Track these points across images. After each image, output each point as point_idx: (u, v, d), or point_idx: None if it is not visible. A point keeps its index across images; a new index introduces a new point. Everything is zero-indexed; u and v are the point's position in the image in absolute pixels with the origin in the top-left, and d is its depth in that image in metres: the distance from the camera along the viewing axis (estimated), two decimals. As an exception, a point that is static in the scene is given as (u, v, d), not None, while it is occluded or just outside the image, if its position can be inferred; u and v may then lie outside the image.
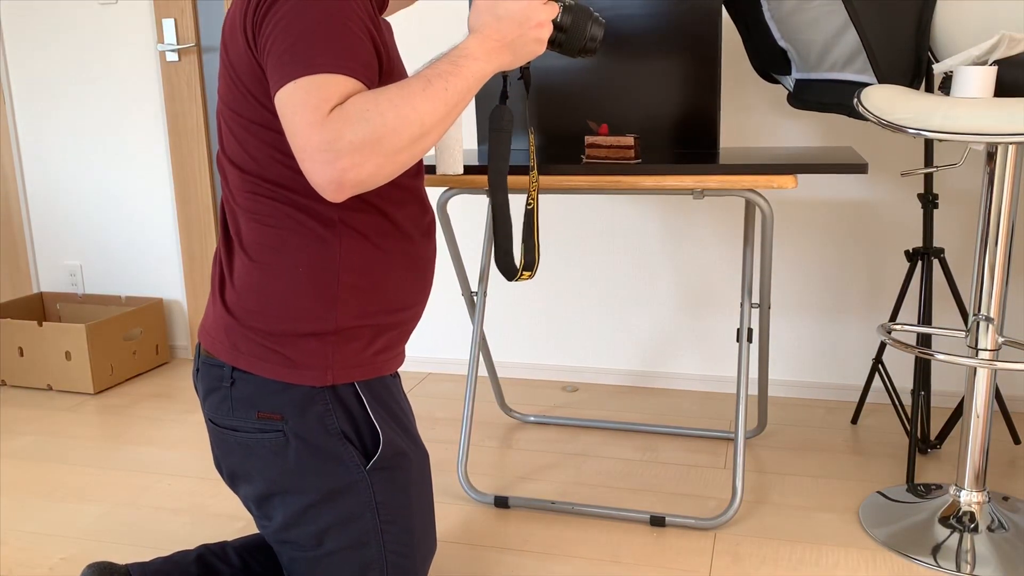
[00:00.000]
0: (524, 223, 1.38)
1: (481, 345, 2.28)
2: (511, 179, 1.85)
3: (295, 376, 1.17)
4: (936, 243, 2.50)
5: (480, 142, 2.18)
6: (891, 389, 2.36)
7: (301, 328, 1.16)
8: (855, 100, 1.68)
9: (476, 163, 1.90)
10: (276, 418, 1.18)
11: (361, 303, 1.19)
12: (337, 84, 1.01)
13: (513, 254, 1.35)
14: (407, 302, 1.26)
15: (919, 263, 2.27)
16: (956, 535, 1.82)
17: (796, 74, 2.14)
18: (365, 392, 1.21)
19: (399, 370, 2.88)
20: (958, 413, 2.26)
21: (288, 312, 1.16)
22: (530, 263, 1.39)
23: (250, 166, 1.16)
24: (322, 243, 1.16)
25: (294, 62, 1.01)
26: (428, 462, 1.34)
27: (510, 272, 1.35)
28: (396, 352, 1.29)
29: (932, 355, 1.80)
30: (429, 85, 1.04)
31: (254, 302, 1.17)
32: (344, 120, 0.98)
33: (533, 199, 1.39)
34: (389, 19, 2.50)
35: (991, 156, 1.74)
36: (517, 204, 2.74)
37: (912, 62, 1.84)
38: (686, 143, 1.99)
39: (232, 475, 1.28)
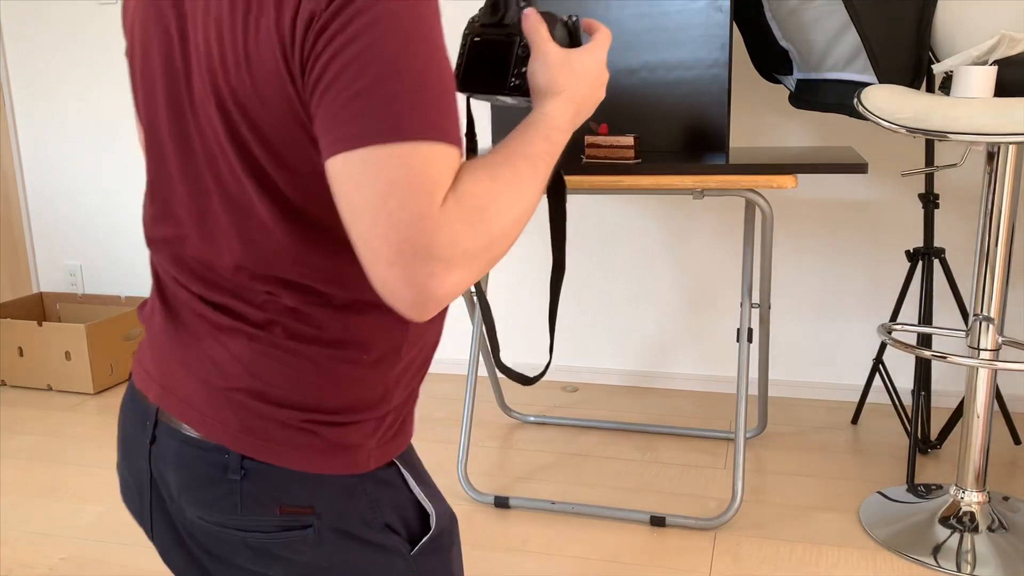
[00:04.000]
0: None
1: (481, 345, 2.28)
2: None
3: (332, 465, 0.92)
4: (937, 243, 2.50)
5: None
6: (891, 389, 2.36)
7: (348, 415, 0.91)
8: (855, 100, 1.68)
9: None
10: (306, 511, 0.92)
11: (410, 371, 0.96)
12: (446, 159, 0.73)
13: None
14: (435, 347, 1.04)
15: (919, 263, 2.27)
16: (956, 535, 1.81)
17: (797, 74, 2.14)
18: (406, 467, 0.98)
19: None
20: (958, 413, 2.25)
21: (330, 391, 0.91)
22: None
23: (321, 227, 0.84)
24: (394, 316, 0.90)
25: (385, 114, 0.71)
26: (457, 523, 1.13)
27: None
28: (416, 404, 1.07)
29: (932, 355, 1.80)
30: (535, 171, 0.82)
31: (287, 375, 0.90)
32: (463, 218, 0.72)
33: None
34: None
35: (991, 156, 1.73)
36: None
37: (912, 62, 1.84)
38: (695, 145, 1.99)
39: None
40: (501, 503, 2.04)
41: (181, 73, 0.84)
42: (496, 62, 0.92)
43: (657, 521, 1.94)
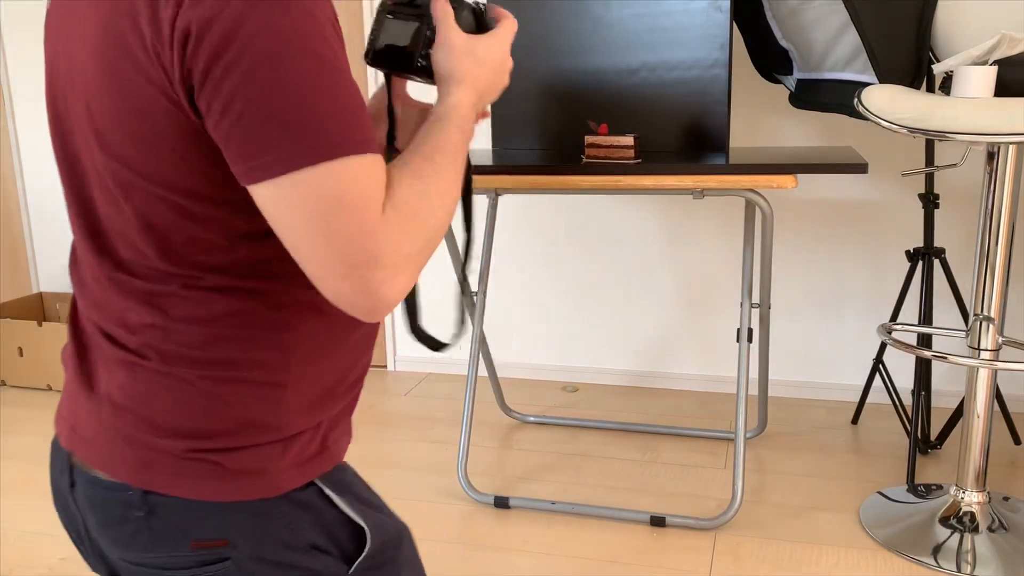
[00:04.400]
0: None
1: (481, 345, 2.28)
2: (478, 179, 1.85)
3: (237, 491, 0.88)
4: (937, 243, 2.50)
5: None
6: (891, 389, 2.36)
7: (242, 438, 0.88)
8: (855, 100, 1.68)
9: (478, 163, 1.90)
10: (220, 544, 0.89)
11: (314, 392, 0.92)
12: (373, 169, 0.75)
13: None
14: (362, 366, 1.00)
15: (919, 263, 2.27)
16: (956, 535, 1.81)
17: (797, 74, 2.14)
18: (329, 486, 0.94)
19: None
20: (958, 413, 2.25)
21: (216, 414, 0.88)
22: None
23: (188, 252, 0.83)
24: (273, 331, 0.87)
25: (302, 136, 0.72)
26: (411, 535, 1.10)
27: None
28: (349, 425, 1.03)
29: (933, 355, 1.80)
30: (456, 163, 0.85)
31: (170, 401, 0.86)
32: (403, 225, 0.76)
33: None
34: None
35: (991, 156, 1.73)
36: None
37: (912, 62, 1.84)
38: (695, 145, 1.99)
39: None
40: (501, 503, 2.04)
41: (62, 97, 0.84)
42: (404, 42, 0.94)
43: (657, 521, 1.94)
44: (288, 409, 0.89)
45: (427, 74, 0.94)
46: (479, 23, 0.97)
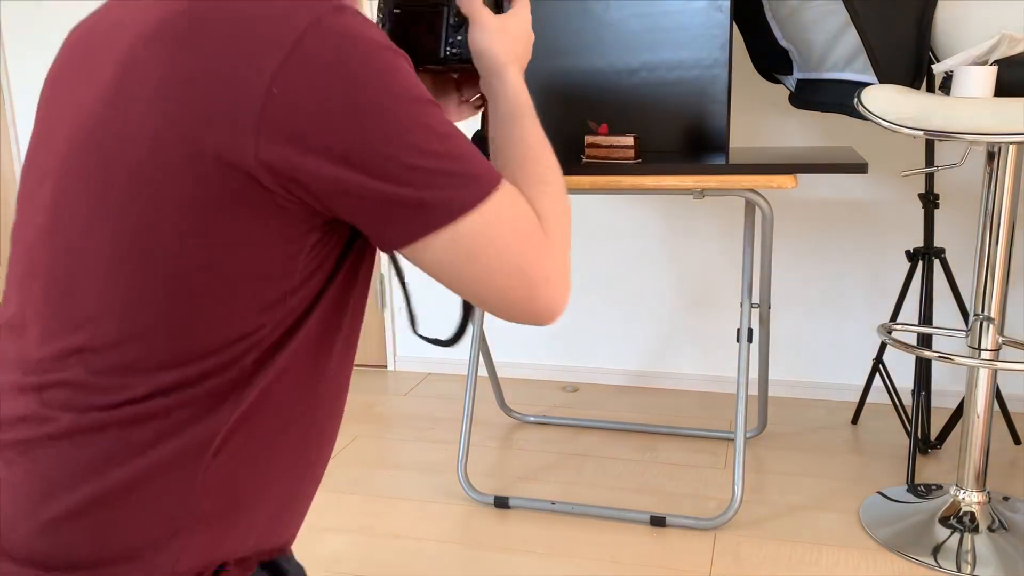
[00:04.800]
0: None
1: (481, 345, 2.28)
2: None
3: None
4: (937, 243, 2.50)
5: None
6: (891, 389, 2.36)
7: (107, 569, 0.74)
8: (855, 100, 1.68)
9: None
10: None
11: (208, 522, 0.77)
12: (511, 195, 0.74)
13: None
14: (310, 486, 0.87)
15: (919, 263, 2.27)
16: (956, 535, 1.81)
17: (797, 74, 2.14)
18: None
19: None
20: (958, 413, 2.25)
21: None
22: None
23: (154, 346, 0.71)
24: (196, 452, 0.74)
25: (439, 191, 0.69)
26: None
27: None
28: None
29: (933, 355, 1.80)
30: (549, 150, 0.86)
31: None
32: (557, 237, 0.77)
33: None
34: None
35: (991, 156, 1.73)
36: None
37: (912, 62, 1.84)
38: (695, 145, 1.99)
39: None
40: (501, 503, 2.04)
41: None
42: (426, 32, 0.90)
43: (657, 521, 1.94)
44: (166, 533, 0.75)
45: (461, 61, 0.90)
46: (497, 2, 0.94)
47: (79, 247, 0.72)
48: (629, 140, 1.83)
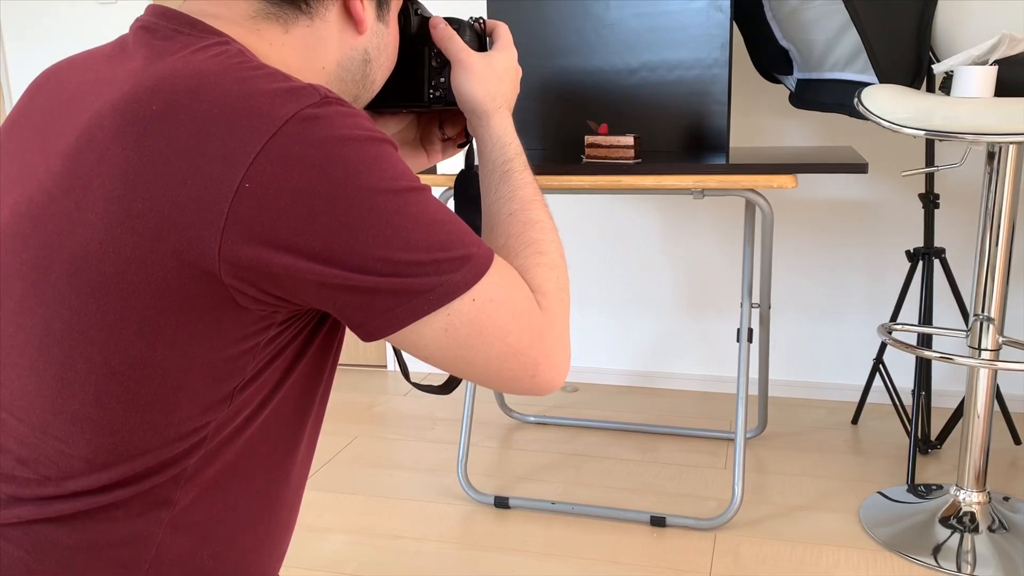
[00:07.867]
0: None
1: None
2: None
3: None
4: (937, 243, 2.50)
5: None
6: (892, 389, 2.36)
7: None
8: (856, 100, 1.68)
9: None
10: None
11: None
12: (503, 271, 0.71)
13: None
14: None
15: (920, 263, 2.27)
16: (957, 535, 1.81)
17: (797, 74, 2.14)
18: None
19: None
20: (958, 413, 2.25)
21: None
22: None
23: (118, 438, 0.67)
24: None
25: (431, 276, 0.66)
26: None
27: None
28: None
29: (933, 355, 1.80)
30: (542, 203, 0.82)
31: None
32: (556, 306, 0.74)
33: None
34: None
35: (991, 156, 1.73)
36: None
37: (913, 62, 1.84)
38: (695, 145, 1.99)
39: None
40: (501, 503, 2.04)
41: None
42: (408, 74, 0.87)
43: (657, 521, 1.94)
44: None
45: (444, 103, 0.87)
46: (480, 40, 0.91)
47: (5, 329, 0.68)
48: (629, 140, 1.83)
